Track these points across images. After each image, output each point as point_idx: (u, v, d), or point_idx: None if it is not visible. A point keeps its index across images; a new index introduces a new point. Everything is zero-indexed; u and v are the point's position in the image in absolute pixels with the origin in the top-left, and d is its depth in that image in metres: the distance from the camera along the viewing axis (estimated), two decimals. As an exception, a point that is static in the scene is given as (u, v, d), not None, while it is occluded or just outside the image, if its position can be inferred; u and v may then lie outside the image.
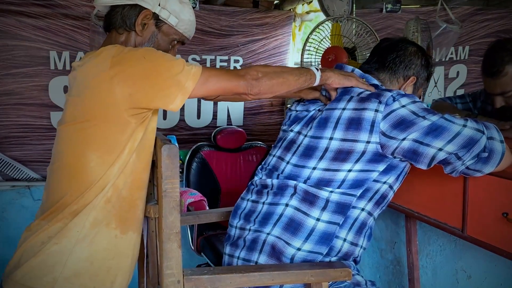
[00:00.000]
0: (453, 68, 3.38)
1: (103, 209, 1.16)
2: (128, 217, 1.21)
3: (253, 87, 1.16)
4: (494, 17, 3.31)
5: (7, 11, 2.40)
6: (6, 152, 2.54)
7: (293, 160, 1.27)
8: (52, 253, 1.13)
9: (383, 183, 1.23)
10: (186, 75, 1.09)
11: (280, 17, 3.00)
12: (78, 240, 1.14)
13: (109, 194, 1.16)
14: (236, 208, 1.38)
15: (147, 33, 1.24)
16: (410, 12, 3.10)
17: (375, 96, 1.20)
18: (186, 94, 1.10)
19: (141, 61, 1.09)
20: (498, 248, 1.24)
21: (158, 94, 1.09)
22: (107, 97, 1.10)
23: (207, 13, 2.81)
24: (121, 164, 1.16)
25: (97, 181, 1.14)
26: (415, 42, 1.45)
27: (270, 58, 3.05)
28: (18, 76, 2.48)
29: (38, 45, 2.50)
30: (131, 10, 1.22)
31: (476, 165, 1.13)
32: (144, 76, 1.09)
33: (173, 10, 1.24)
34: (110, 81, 1.08)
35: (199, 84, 1.10)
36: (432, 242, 1.82)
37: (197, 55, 2.87)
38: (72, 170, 1.16)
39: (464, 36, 3.27)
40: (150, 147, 1.22)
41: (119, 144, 1.14)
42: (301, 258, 1.21)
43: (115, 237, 1.19)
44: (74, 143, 1.15)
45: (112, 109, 1.11)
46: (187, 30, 1.30)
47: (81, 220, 1.14)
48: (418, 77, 1.37)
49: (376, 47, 1.43)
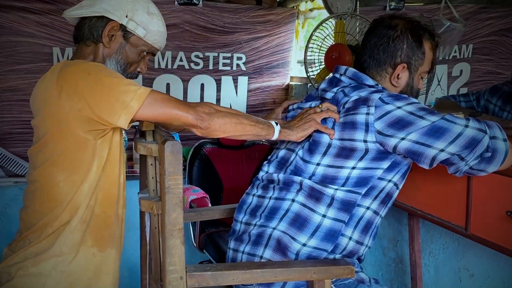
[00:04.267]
0: (457, 66, 3.36)
1: (79, 230, 1.17)
2: (104, 234, 1.21)
3: (203, 120, 1.11)
4: (499, 15, 3.29)
5: (10, 7, 2.40)
6: (9, 148, 2.54)
7: (300, 153, 1.28)
8: (29, 275, 1.14)
9: (388, 181, 1.23)
10: (131, 94, 1.07)
11: (283, 14, 2.99)
12: (56, 262, 1.15)
13: (84, 215, 1.17)
14: (242, 203, 1.37)
15: (115, 44, 1.23)
16: (414, 10, 3.08)
17: (362, 102, 1.18)
18: (130, 113, 1.08)
19: (85, 76, 1.09)
20: (502, 247, 1.24)
21: (103, 111, 1.08)
22: (58, 113, 1.10)
23: (210, 10, 2.81)
24: (90, 183, 1.16)
25: (68, 202, 1.15)
26: (404, 18, 1.29)
27: (273, 56, 3.04)
28: (21, 72, 2.48)
29: (41, 42, 2.50)
30: (98, 21, 1.21)
31: (479, 165, 1.12)
32: (89, 92, 1.08)
33: (141, 21, 1.23)
34: (58, 97, 1.09)
35: (145, 105, 1.08)
36: (434, 240, 1.82)
37: (200, 52, 2.87)
38: (44, 192, 1.17)
39: (468, 34, 3.25)
40: (116, 162, 1.21)
41: (83, 163, 1.15)
42: (306, 253, 1.20)
43: (93, 255, 1.20)
44: (40, 164, 1.17)
45: (65, 126, 1.11)
46: (156, 41, 1.28)
47: (58, 243, 1.15)
48: (409, 61, 1.26)
49: (364, 39, 1.34)
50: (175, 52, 2.80)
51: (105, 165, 1.18)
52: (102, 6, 1.20)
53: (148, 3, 1.27)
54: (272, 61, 3.05)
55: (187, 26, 2.79)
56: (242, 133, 1.18)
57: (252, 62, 3.00)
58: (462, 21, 2.85)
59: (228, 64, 2.96)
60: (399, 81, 1.28)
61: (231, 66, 2.97)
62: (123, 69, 1.26)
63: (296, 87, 3.14)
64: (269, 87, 3.11)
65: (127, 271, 2.56)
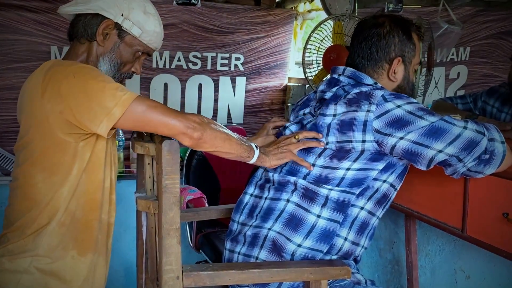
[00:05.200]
0: (454, 69, 3.38)
1: (58, 233, 1.16)
2: (84, 238, 1.20)
3: (195, 130, 1.07)
4: (496, 18, 3.31)
5: (8, 5, 2.39)
6: (6, 147, 2.54)
7: (295, 153, 1.27)
8: (5, 271, 1.13)
9: (383, 181, 1.23)
10: (115, 100, 1.03)
11: (282, 15, 3.00)
12: (33, 260, 1.14)
13: (63, 218, 1.15)
14: (239, 203, 1.37)
15: (109, 43, 1.21)
16: (412, 12, 3.09)
17: (364, 98, 1.18)
18: (111, 120, 1.04)
19: (70, 78, 1.06)
20: (498, 249, 1.24)
21: (84, 115, 1.05)
22: (40, 113, 1.08)
23: (209, 10, 2.81)
24: (70, 185, 1.15)
25: (46, 203, 1.14)
26: (388, 15, 1.33)
27: (271, 56, 3.05)
28: (18, 70, 2.48)
29: (39, 40, 2.49)
30: (93, 19, 1.19)
31: (477, 167, 1.13)
32: (72, 95, 1.05)
33: (137, 21, 1.20)
34: (41, 97, 1.07)
35: (128, 112, 1.03)
36: (431, 242, 1.82)
37: (198, 52, 2.87)
38: (23, 191, 1.16)
39: (465, 37, 3.27)
40: (100, 166, 1.19)
41: (63, 165, 1.13)
42: (301, 254, 1.20)
43: (72, 258, 1.18)
44: (22, 162, 1.16)
45: (45, 126, 1.09)
46: (152, 42, 1.25)
47: (36, 245, 1.14)
48: (403, 54, 1.28)
49: (352, 41, 1.35)
50: (173, 52, 2.80)
51: (87, 169, 1.16)
52: (97, 4, 1.18)
53: (145, 2, 1.24)
54: (270, 61, 3.05)
55: (186, 26, 2.79)
56: (228, 151, 1.15)
57: (250, 62, 3.01)
58: (460, 24, 2.86)
59: (226, 64, 2.96)
60: (396, 75, 1.29)
61: (229, 66, 2.97)
62: (117, 68, 1.23)
63: (294, 88, 3.15)
64: (267, 87, 3.11)
65: (122, 270, 2.56)
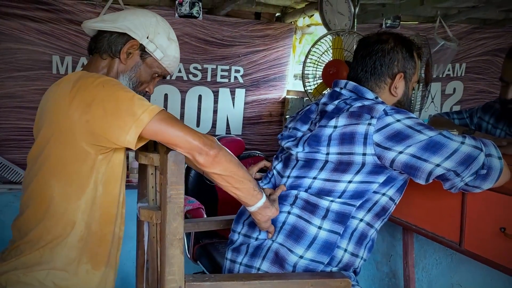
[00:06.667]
0: (450, 84, 3.43)
1: (76, 247, 1.17)
2: (98, 252, 1.21)
3: (212, 148, 1.09)
4: (491, 35, 3.37)
5: (11, 15, 2.42)
6: (5, 155, 2.54)
7: (293, 173, 1.29)
8: (21, 284, 1.13)
9: (382, 194, 1.25)
10: (143, 108, 1.07)
11: (281, 29, 3.04)
12: (49, 274, 1.14)
13: (81, 231, 1.16)
14: (241, 214, 1.38)
15: (131, 62, 1.25)
16: (409, 28, 3.15)
17: (366, 111, 1.20)
18: (140, 126, 1.06)
19: (99, 88, 1.09)
20: (495, 263, 1.26)
21: (113, 123, 1.08)
22: (64, 121, 1.10)
23: (210, 23, 2.85)
24: (87, 198, 1.16)
25: (61, 214, 1.14)
26: (391, 33, 1.37)
27: (271, 69, 3.08)
28: (20, 79, 2.49)
29: (41, 49, 2.52)
30: (119, 37, 1.23)
31: (475, 182, 1.15)
32: (101, 104, 1.08)
33: (160, 45, 1.26)
34: (69, 106, 1.10)
35: (154, 120, 1.07)
36: (428, 255, 1.83)
37: (198, 64, 2.90)
38: (38, 201, 1.16)
39: (461, 54, 3.33)
40: (117, 180, 1.21)
41: (80, 176, 1.14)
42: (303, 266, 1.22)
43: (87, 272, 1.19)
44: (37, 170, 1.16)
45: (69, 135, 1.11)
46: (170, 66, 1.31)
47: (51, 257, 1.15)
48: (405, 70, 1.32)
49: (355, 56, 1.39)
50: (174, 63, 2.83)
51: (104, 182, 1.18)
52: (125, 24, 1.22)
53: (169, 29, 1.30)
54: (269, 74, 3.09)
55: (187, 38, 2.82)
56: (242, 178, 1.16)
57: (249, 75, 3.04)
58: (456, 41, 2.92)
59: (226, 76, 2.99)
60: (397, 90, 1.33)
61: (229, 78, 3.00)
62: (134, 86, 1.27)
63: (292, 101, 3.18)
64: (265, 100, 3.14)
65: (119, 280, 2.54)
